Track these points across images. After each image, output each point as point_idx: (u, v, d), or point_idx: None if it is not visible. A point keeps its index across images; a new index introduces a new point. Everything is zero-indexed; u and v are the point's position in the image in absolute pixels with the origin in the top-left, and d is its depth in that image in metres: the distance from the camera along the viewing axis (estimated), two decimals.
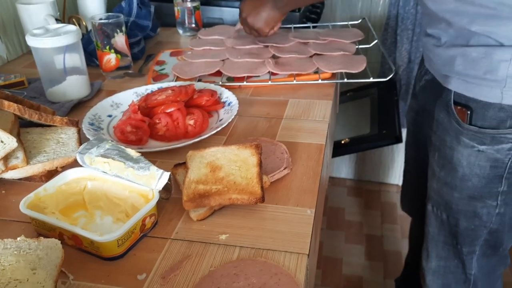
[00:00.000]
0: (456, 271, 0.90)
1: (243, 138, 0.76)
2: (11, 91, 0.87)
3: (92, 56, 1.04)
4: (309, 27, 1.23)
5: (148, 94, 0.83)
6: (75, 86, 0.90)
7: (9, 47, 1.13)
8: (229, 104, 0.82)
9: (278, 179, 0.65)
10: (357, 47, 1.03)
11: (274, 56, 1.01)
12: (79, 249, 0.53)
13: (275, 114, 0.83)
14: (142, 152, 0.62)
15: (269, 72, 0.94)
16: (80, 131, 0.73)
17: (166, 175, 0.57)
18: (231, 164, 0.62)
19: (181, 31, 1.27)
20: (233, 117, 0.78)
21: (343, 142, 1.51)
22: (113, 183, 0.59)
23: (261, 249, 0.53)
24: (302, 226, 0.56)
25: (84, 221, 0.57)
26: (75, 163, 0.62)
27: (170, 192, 0.60)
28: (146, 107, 0.79)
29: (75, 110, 0.87)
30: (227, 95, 0.84)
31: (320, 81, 0.92)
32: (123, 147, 0.61)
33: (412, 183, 1.15)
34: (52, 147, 0.68)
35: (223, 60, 1.00)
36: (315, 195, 0.62)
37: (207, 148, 0.65)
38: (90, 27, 1.02)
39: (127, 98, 0.85)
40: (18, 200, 0.55)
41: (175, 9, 1.24)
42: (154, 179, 0.57)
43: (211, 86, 0.88)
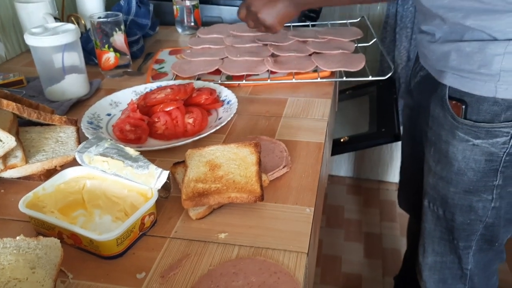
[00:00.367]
0: (453, 267, 0.90)
1: (242, 137, 0.76)
2: (10, 90, 0.87)
3: (91, 55, 1.04)
4: (308, 26, 1.23)
5: (147, 93, 0.83)
6: (74, 85, 0.89)
7: (8, 46, 1.13)
8: (228, 103, 0.82)
9: (277, 178, 0.65)
10: (356, 46, 1.03)
11: (273, 55, 1.00)
12: (78, 248, 0.53)
13: (274, 113, 0.83)
14: (141, 151, 0.62)
15: (268, 71, 0.94)
16: (79, 130, 0.73)
17: (165, 174, 0.57)
18: (230, 163, 0.62)
19: (180, 30, 1.27)
20: (232, 116, 0.78)
21: (342, 140, 1.51)
22: (112, 182, 0.59)
23: (260, 248, 0.53)
24: (301, 225, 0.56)
25: (83, 220, 0.57)
26: (74, 162, 0.62)
27: (169, 191, 0.60)
28: (145, 106, 0.79)
29: (74, 109, 0.87)
30: (226, 94, 0.84)
31: (319, 80, 0.92)
32: (122, 146, 0.61)
33: (409, 180, 1.15)
34: (51, 146, 0.68)
35: (222, 59, 1.00)
36: (314, 194, 0.62)
37: (206, 147, 0.65)
38: (89, 26, 1.01)
39: (126, 97, 0.85)
40: (17, 199, 0.55)
41: (174, 8, 1.24)
42: (153, 178, 0.57)
43: (210, 85, 0.88)
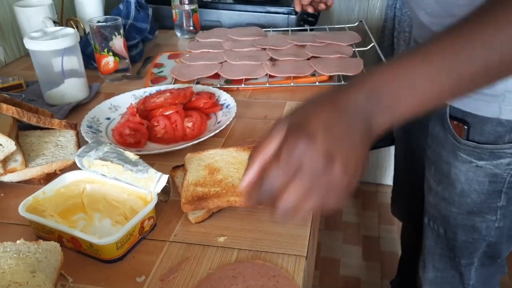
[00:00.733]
0: (454, 281, 0.89)
1: (241, 140, 0.76)
2: (9, 94, 0.88)
3: (90, 59, 1.04)
4: (307, 30, 1.24)
5: (147, 97, 0.83)
6: (73, 89, 0.90)
7: (7, 50, 1.13)
8: (227, 107, 0.83)
9: None
10: (354, 50, 1.04)
11: (272, 59, 1.01)
12: (78, 252, 0.53)
13: (273, 116, 0.84)
14: (141, 155, 0.62)
15: (267, 75, 0.95)
16: (79, 134, 0.73)
17: (165, 178, 0.57)
18: (229, 166, 0.62)
19: (179, 34, 1.28)
20: (231, 120, 0.78)
21: None
22: (112, 186, 0.60)
23: (259, 251, 0.53)
24: (300, 228, 0.56)
25: (83, 224, 0.57)
26: (74, 166, 0.62)
27: (169, 195, 0.61)
28: (145, 110, 0.79)
29: (74, 113, 0.87)
30: (225, 98, 0.85)
31: (318, 84, 0.93)
32: (122, 150, 0.61)
33: (403, 189, 1.14)
34: (51, 150, 0.68)
35: (221, 63, 1.00)
36: None
37: (205, 151, 0.66)
38: (88, 30, 1.02)
39: (126, 101, 0.86)
40: (17, 203, 0.55)
41: (173, 12, 1.24)
42: (153, 182, 0.57)
43: (209, 89, 0.88)
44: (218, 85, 0.92)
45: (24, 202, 0.56)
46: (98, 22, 0.95)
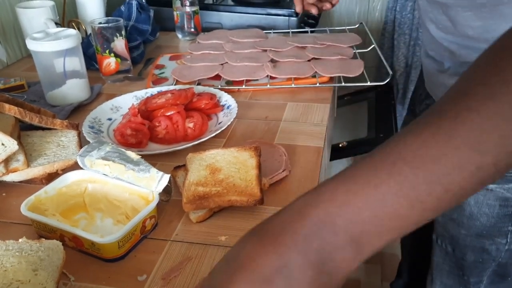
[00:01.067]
0: None
1: (242, 141, 0.76)
2: (11, 95, 0.88)
3: (92, 60, 1.05)
4: (307, 32, 1.25)
5: (148, 98, 0.84)
6: (75, 90, 0.90)
7: (9, 51, 1.13)
8: (228, 107, 0.83)
9: (277, 181, 0.65)
10: (355, 52, 1.04)
11: (273, 60, 1.01)
12: (80, 251, 0.54)
13: (274, 117, 0.84)
14: (142, 155, 0.62)
15: (268, 76, 0.95)
16: (80, 134, 0.74)
17: (166, 177, 0.58)
18: (230, 166, 0.62)
19: (180, 36, 1.28)
20: (232, 120, 0.78)
21: (341, 146, 1.52)
22: (113, 186, 0.60)
23: None
24: None
25: (85, 223, 0.58)
26: (76, 166, 0.62)
27: (170, 194, 0.61)
28: (146, 110, 0.80)
29: (75, 114, 0.88)
30: (226, 99, 0.85)
31: (318, 85, 0.93)
32: (124, 150, 0.61)
33: None
34: (53, 150, 0.69)
35: (222, 64, 1.01)
36: None
37: (207, 151, 0.66)
38: (90, 31, 1.02)
39: (127, 102, 0.86)
40: (19, 203, 0.56)
41: (175, 14, 1.25)
42: (154, 181, 0.57)
43: (211, 90, 0.88)
44: (219, 86, 0.93)
45: (26, 202, 0.56)
46: (100, 24, 0.96)
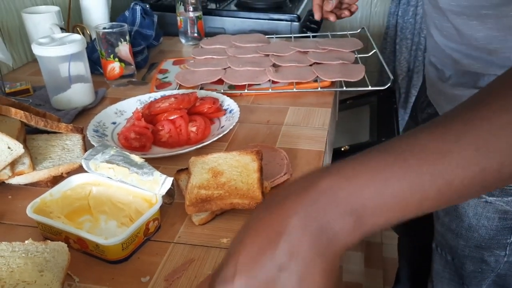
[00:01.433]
0: None
1: (244, 145, 0.77)
2: (17, 99, 0.89)
3: (96, 65, 1.06)
4: (309, 37, 1.26)
5: (152, 102, 0.85)
6: (80, 94, 0.91)
7: (15, 55, 1.15)
8: (231, 112, 0.84)
9: (278, 185, 0.66)
10: (356, 56, 1.05)
11: (275, 65, 1.02)
12: (84, 253, 0.54)
13: (276, 121, 0.85)
14: (146, 158, 0.63)
15: (270, 81, 0.96)
16: (85, 138, 0.75)
17: (169, 181, 0.58)
18: (233, 170, 0.63)
19: (184, 40, 1.29)
20: (235, 124, 0.79)
21: (343, 150, 1.52)
22: (117, 188, 0.61)
23: None
24: None
25: (89, 226, 0.58)
26: (80, 169, 0.63)
27: (173, 197, 0.62)
28: (150, 115, 0.81)
29: (80, 117, 0.89)
30: (229, 103, 0.86)
31: (320, 89, 0.94)
32: (128, 153, 0.62)
33: None
34: (58, 153, 0.70)
35: (225, 69, 1.02)
36: None
37: (209, 154, 0.67)
38: (94, 36, 1.04)
39: (131, 106, 0.87)
40: (24, 205, 0.57)
41: (178, 19, 1.26)
42: (158, 185, 0.58)
43: (213, 94, 0.89)
44: (222, 91, 0.94)
45: (32, 204, 0.57)
46: (104, 29, 0.97)
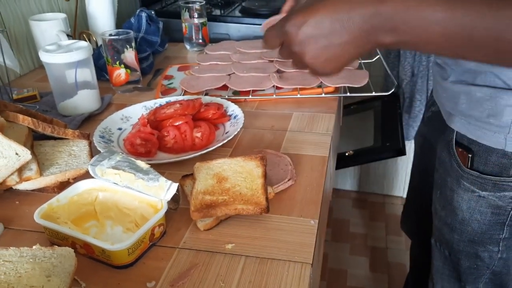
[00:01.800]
0: None
1: (249, 150, 0.78)
2: (24, 105, 0.90)
3: (102, 71, 1.07)
4: None
5: (157, 108, 0.86)
6: (86, 100, 0.92)
7: (22, 62, 1.16)
8: (235, 117, 0.84)
9: (283, 190, 0.66)
10: (360, 62, 1.05)
11: (279, 71, 1.03)
12: (91, 258, 0.55)
13: (280, 127, 0.85)
14: (151, 164, 0.64)
15: (274, 86, 0.97)
16: (91, 144, 0.75)
17: (175, 186, 0.59)
18: (237, 176, 0.64)
19: (189, 47, 1.30)
20: (239, 130, 0.80)
21: (347, 154, 1.52)
22: (123, 194, 0.61)
23: (266, 259, 0.55)
24: (306, 236, 0.58)
25: (96, 231, 0.59)
26: (87, 175, 0.64)
27: (178, 203, 0.62)
28: (155, 120, 0.81)
29: (86, 123, 0.90)
30: (233, 109, 0.87)
31: (324, 95, 0.95)
32: (133, 159, 0.63)
33: (413, 207, 1.12)
34: (64, 159, 0.70)
35: (229, 75, 1.02)
36: (319, 206, 0.63)
37: (214, 160, 0.67)
38: (100, 43, 1.05)
39: (137, 112, 0.88)
40: (32, 211, 0.57)
41: (183, 25, 1.27)
42: (163, 190, 0.59)
43: (218, 100, 0.90)
44: (226, 97, 0.94)
45: (39, 210, 0.57)
46: (110, 35, 0.98)
